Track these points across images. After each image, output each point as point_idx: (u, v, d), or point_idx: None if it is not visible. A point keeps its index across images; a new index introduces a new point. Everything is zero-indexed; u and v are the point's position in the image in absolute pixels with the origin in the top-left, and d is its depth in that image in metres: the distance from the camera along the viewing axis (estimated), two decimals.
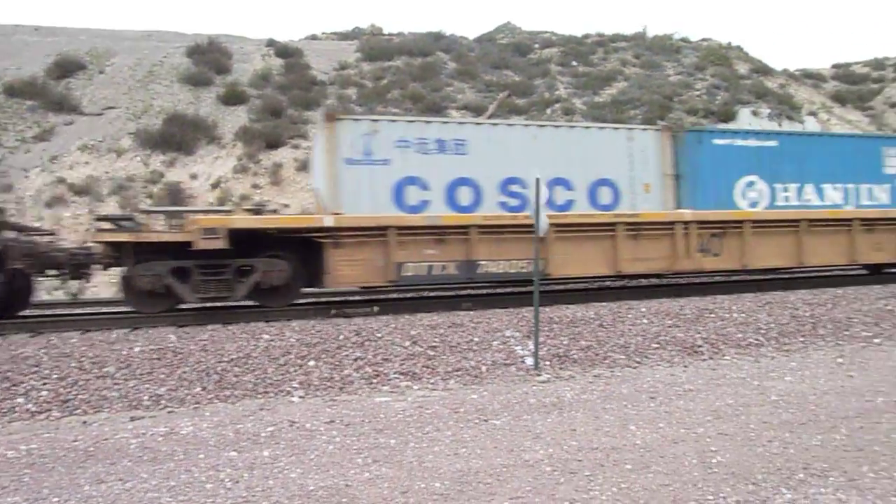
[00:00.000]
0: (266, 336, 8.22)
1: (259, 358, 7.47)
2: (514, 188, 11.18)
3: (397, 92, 29.38)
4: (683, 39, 44.34)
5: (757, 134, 14.26)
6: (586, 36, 42.78)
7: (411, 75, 31.87)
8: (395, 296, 12.87)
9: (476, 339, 8.34)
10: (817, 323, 9.38)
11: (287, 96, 27.60)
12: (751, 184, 12.66)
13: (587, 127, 13.29)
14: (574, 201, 11.61)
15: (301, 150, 23.08)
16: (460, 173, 11.08)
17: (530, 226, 8.02)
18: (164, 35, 35.20)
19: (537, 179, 7.30)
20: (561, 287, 13.02)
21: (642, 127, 13.76)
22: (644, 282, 13.35)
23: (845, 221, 12.89)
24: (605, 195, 11.81)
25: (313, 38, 43.08)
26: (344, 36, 43.16)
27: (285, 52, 33.20)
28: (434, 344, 8.17)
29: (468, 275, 10.81)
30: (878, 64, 54.10)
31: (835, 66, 54.97)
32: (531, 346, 7.78)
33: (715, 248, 12.04)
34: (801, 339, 8.80)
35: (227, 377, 7.00)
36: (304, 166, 21.57)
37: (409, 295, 13.18)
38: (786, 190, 12.92)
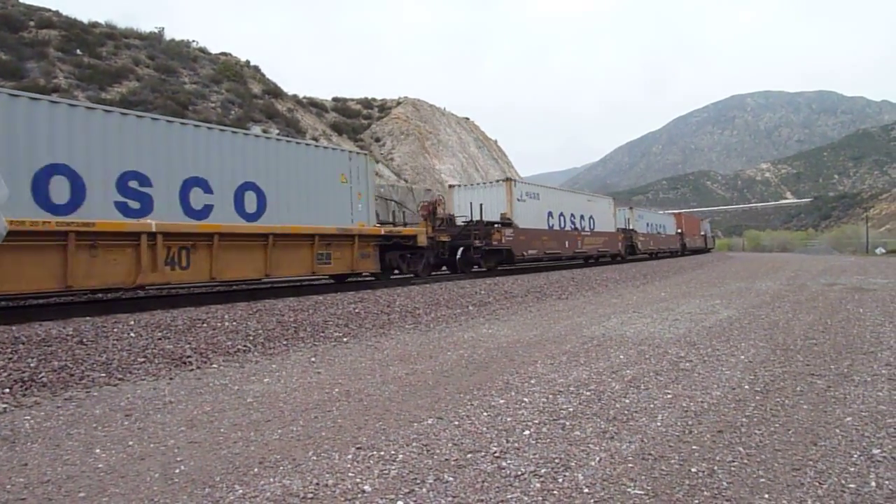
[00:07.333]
0: None
1: None
2: None
3: None
4: (202, 50, 44.32)
5: None
6: (94, 24, 38.95)
7: None
8: None
9: None
10: (299, 327, 10.41)
11: None
12: None
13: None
14: None
15: None
16: None
17: None
18: None
19: None
20: (43, 301, 11.44)
21: None
22: (141, 293, 12.73)
23: None
24: None
25: None
26: None
27: None
28: None
29: None
30: (368, 103, 64.12)
31: (335, 100, 62.90)
32: None
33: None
34: (285, 342, 9.61)
35: None
36: None
37: None
38: None
